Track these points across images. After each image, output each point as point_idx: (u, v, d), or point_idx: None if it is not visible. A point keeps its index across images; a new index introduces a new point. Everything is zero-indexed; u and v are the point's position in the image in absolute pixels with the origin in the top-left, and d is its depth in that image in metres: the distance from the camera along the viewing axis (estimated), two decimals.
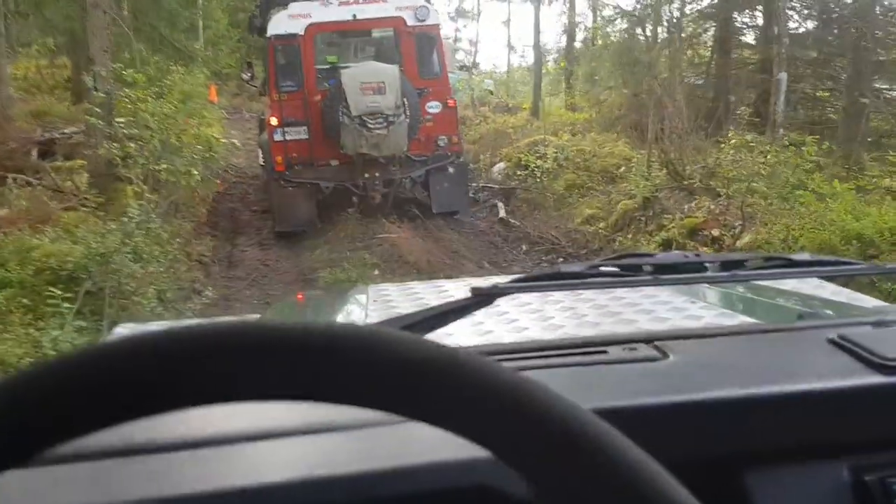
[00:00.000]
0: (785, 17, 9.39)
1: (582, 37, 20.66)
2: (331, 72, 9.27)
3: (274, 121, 9.19)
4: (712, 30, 14.65)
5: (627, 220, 9.00)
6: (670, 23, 12.61)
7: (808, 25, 13.05)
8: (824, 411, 0.85)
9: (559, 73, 19.17)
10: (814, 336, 1.02)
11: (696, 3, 14.99)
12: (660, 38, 13.99)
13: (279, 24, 9.30)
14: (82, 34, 8.40)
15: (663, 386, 0.86)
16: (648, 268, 1.07)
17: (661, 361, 0.94)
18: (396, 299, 1.94)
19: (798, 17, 12.49)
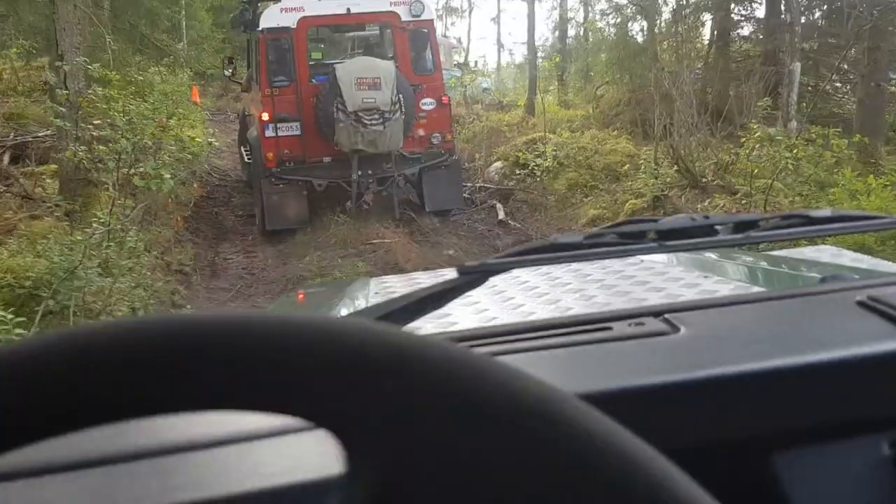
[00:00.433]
0: (798, 5, 8.89)
1: (573, 32, 20.31)
2: (325, 66, 9.00)
3: (265, 116, 8.86)
4: (709, 22, 14.28)
5: None
6: (675, 11, 12.06)
7: (815, 15, 12.64)
8: (858, 381, 0.75)
9: (552, 70, 18.75)
10: (840, 299, 0.94)
11: None
12: (659, 30, 13.53)
13: (271, 17, 9.03)
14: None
15: (675, 362, 0.77)
16: (652, 234, 0.97)
17: (671, 336, 0.85)
18: (399, 290, 1.87)
19: (804, 5, 12.01)
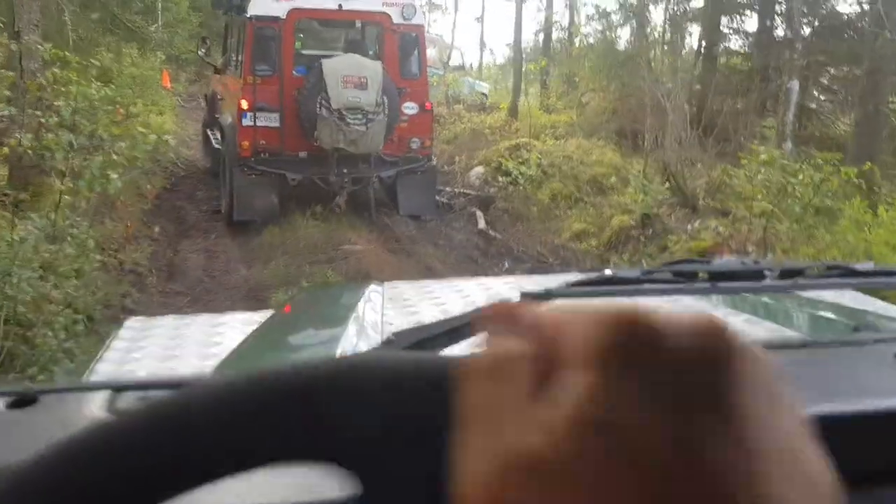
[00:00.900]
0: (799, 20, 8.55)
1: (557, 36, 19.91)
2: (310, 60, 8.74)
3: (245, 104, 8.57)
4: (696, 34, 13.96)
5: (623, 238, 8.03)
6: (669, 19, 11.67)
7: (805, 31, 12.35)
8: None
9: (535, 74, 18.34)
10: (879, 350, 0.95)
11: (684, 3, 14.25)
12: (649, 39, 13.15)
13: (261, 4, 8.74)
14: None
15: None
16: (704, 275, 0.99)
17: None
18: (413, 299, 1.90)
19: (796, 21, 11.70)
